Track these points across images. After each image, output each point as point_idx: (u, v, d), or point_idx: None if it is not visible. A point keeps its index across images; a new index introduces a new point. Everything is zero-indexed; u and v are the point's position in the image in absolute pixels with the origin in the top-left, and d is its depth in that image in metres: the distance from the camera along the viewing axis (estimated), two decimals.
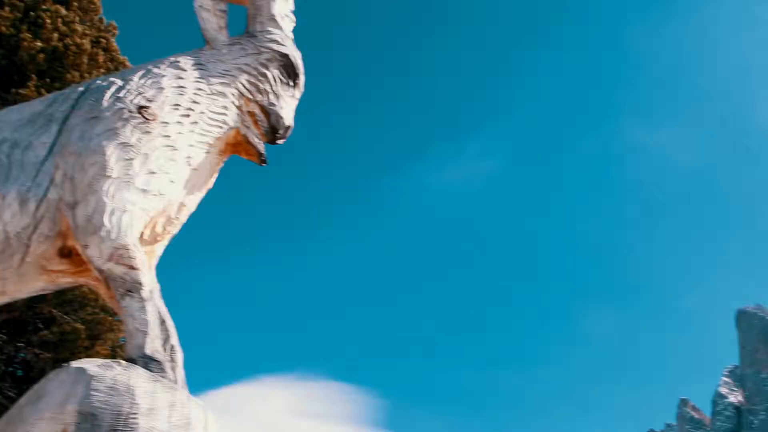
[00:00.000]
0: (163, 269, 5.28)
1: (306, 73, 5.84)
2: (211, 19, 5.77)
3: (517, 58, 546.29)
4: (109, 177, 4.78)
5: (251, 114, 5.57)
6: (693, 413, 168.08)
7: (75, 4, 15.99)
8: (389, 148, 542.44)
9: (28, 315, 14.18)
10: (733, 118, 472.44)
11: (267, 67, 5.64)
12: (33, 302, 13.50)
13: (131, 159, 4.89)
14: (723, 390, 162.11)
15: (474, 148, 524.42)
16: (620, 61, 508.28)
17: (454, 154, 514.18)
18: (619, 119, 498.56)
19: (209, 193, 5.54)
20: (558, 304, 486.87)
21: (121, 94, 5.16)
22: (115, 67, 15.58)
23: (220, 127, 5.39)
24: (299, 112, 5.76)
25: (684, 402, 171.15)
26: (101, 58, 15.65)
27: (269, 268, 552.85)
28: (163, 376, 4.36)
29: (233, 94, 5.49)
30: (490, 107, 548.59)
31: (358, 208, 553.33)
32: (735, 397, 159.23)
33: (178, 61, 5.49)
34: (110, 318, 14.59)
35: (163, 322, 4.72)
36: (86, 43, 15.30)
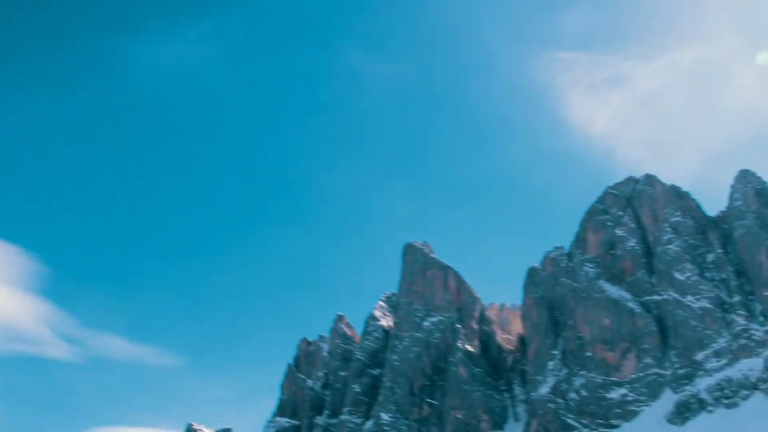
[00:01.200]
0: None
1: None
2: None
3: None
4: None
5: None
6: (346, 329, 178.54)
7: None
8: (104, 12, 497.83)
9: None
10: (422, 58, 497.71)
11: None
12: None
13: None
14: (377, 313, 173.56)
15: (194, 33, 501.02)
16: None
17: (173, 34, 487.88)
18: (339, 40, 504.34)
19: None
20: (239, 210, 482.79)
21: None
22: None
23: None
24: None
25: (340, 318, 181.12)
26: None
27: None
28: None
29: None
30: None
31: (60, 65, 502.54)
32: (386, 322, 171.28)
33: None
34: None
35: None
36: None
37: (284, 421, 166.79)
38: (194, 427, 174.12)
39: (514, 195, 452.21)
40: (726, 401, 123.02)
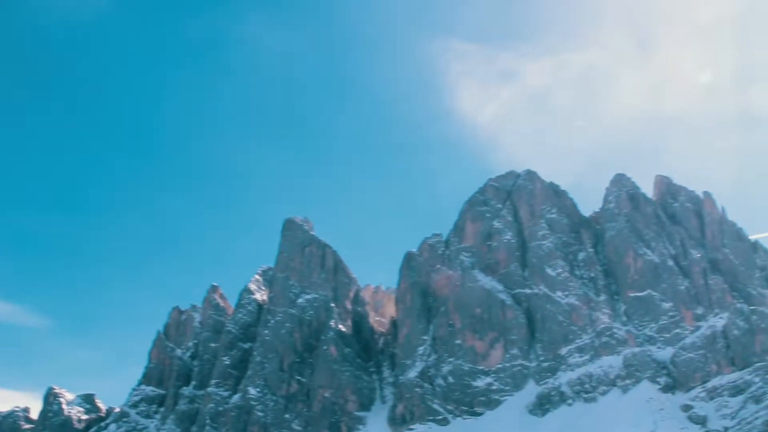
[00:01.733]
0: None
1: None
2: None
3: None
4: None
5: None
6: (219, 301, 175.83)
7: None
8: None
9: None
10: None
11: None
12: None
13: None
14: (252, 287, 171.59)
15: None
16: None
17: None
18: (238, 4, 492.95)
19: None
20: (118, 169, 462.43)
21: None
22: None
23: None
24: None
25: (214, 288, 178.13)
26: None
27: None
28: None
29: None
30: None
31: None
32: (261, 296, 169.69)
33: None
34: None
35: None
36: None
37: (149, 389, 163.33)
38: (55, 390, 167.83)
39: (397, 178, 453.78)
40: (585, 395, 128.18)
